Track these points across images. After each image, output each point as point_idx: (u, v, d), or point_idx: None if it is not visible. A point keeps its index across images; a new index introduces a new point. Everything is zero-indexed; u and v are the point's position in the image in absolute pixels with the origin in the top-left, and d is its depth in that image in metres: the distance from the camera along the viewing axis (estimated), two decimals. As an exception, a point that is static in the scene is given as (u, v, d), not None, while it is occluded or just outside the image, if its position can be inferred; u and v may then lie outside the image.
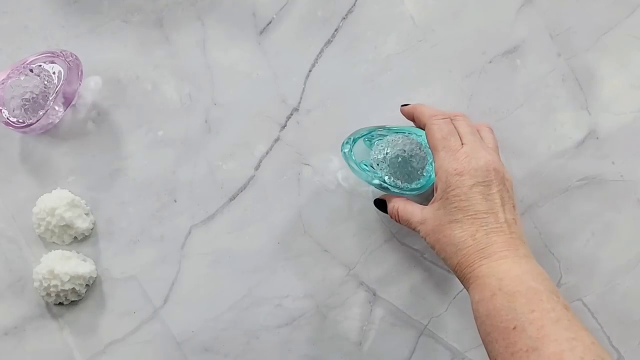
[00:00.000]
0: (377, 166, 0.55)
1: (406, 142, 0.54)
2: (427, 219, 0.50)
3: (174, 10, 0.62)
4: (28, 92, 0.57)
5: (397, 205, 0.53)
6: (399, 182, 0.55)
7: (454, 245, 0.47)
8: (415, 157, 0.54)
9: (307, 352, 0.58)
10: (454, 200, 0.48)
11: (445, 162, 0.49)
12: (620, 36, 0.61)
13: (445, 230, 0.48)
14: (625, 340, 0.58)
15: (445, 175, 0.48)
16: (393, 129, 0.56)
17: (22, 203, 0.59)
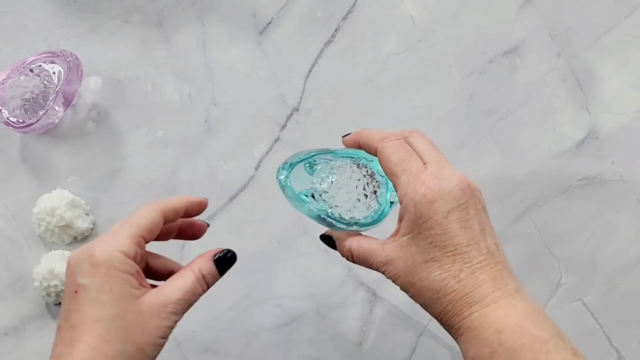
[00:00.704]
0: (319, 197, 0.45)
1: (354, 168, 0.45)
2: (394, 258, 0.41)
3: (174, 10, 0.62)
4: (28, 92, 0.57)
5: (351, 245, 0.44)
6: (346, 215, 0.45)
7: (434, 291, 0.39)
8: (365, 186, 0.45)
9: (307, 352, 0.58)
10: (428, 235, 0.39)
11: (410, 189, 0.40)
12: (620, 36, 0.61)
13: (421, 272, 0.40)
14: (626, 340, 0.58)
15: (413, 204, 0.40)
16: (339, 152, 0.47)
17: (22, 203, 0.59)
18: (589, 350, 0.58)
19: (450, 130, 0.60)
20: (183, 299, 0.39)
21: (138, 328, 0.38)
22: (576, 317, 0.58)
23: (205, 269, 0.41)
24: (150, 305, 0.38)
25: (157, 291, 0.39)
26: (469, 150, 0.60)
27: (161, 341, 0.39)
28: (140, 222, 0.40)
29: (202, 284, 0.40)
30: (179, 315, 0.39)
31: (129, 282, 0.38)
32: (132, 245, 0.39)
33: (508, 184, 0.59)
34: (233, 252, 0.43)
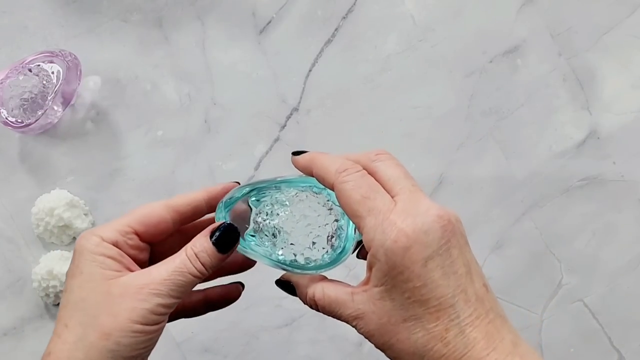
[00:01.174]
0: (265, 238, 0.39)
1: (304, 200, 0.39)
2: (365, 312, 0.34)
3: (173, 10, 0.62)
4: (27, 91, 0.57)
5: (314, 293, 0.37)
6: (300, 257, 0.38)
7: (418, 356, 0.33)
8: (319, 220, 0.38)
9: (307, 353, 0.58)
10: (405, 289, 0.32)
11: (379, 233, 0.33)
12: (621, 36, 0.60)
13: (400, 332, 0.33)
14: (627, 341, 0.58)
15: (383, 252, 0.33)
16: (285, 182, 0.40)
17: (20, 203, 0.59)
18: (590, 351, 0.58)
19: (451, 130, 0.60)
20: (169, 279, 0.34)
21: (104, 311, 0.33)
22: (577, 318, 0.58)
23: (198, 246, 0.36)
24: (124, 286, 0.34)
25: (141, 272, 0.35)
26: (470, 150, 0.60)
27: (135, 327, 0.33)
28: (133, 213, 0.38)
29: (196, 263, 0.35)
30: (163, 298, 0.34)
31: (103, 264, 0.35)
32: (113, 232, 0.36)
33: (508, 184, 0.59)
34: (228, 224, 0.36)
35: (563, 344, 0.58)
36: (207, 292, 0.42)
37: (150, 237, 0.38)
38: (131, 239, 0.37)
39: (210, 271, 0.36)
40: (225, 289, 0.42)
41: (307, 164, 0.38)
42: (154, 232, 0.38)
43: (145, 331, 0.34)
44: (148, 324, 0.34)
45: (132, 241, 0.37)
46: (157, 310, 0.34)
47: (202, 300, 0.42)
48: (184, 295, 0.35)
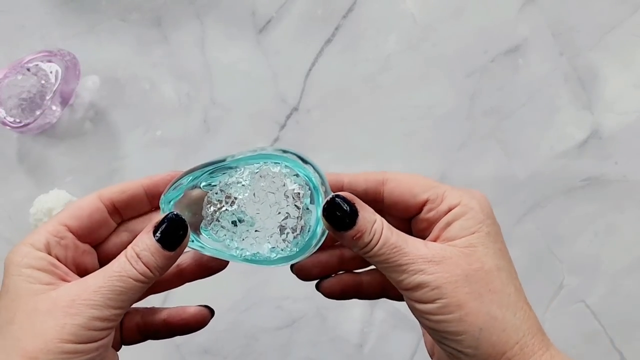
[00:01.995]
0: (222, 229, 0.33)
1: (265, 177, 0.33)
2: (449, 257, 0.30)
3: (172, 9, 0.61)
4: (25, 91, 0.57)
5: (382, 223, 0.31)
6: (266, 247, 0.33)
7: (512, 305, 0.30)
8: (286, 198, 0.33)
9: (307, 354, 0.58)
10: (497, 240, 0.32)
11: (466, 193, 0.33)
12: (623, 35, 0.60)
13: (494, 281, 0.30)
14: (628, 341, 0.58)
15: (477, 202, 0.32)
16: (238, 160, 0.34)
17: (19, 203, 0.59)
18: (592, 352, 0.57)
19: (452, 130, 0.60)
20: (104, 286, 0.29)
21: (28, 331, 0.28)
22: (579, 319, 0.58)
23: (140, 244, 0.30)
24: (53, 301, 0.29)
25: (75, 282, 0.30)
26: (471, 150, 0.59)
27: (66, 347, 0.28)
28: (63, 210, 0.32)
29: (137, 264, 0.30)
30: (99, 310, 0.29)
31: (30, 277, 0.30)
32: (44, 234, 0.31)
33: (510, 184, 0.59)
34: (175, 214, 0.31)
35: (564, 345, 0.58)
36: (168, 314, 0.36)
37: (87, 232, 0.33)
38: (64, 238, 0.32)
39: (157, 273, 0.30)
40: (190, 314, 0.36)
41: None
42: (90, 224, 0.32)
43: (80, 351, 0.29)
44: (82, 342, 0.29)
45: (65, 240, 0.32)
46: (92, 325, 0.29)
47: (162, 323, 0.36)
48: (128, 304, 0.30)
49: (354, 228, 0.31)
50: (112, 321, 0.30)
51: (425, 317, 0.31)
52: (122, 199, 0.33)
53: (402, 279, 0.31)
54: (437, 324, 0.30)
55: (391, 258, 0.31)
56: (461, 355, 0.30)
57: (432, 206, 0.33)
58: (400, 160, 0.59)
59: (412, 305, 0.32)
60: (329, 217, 0.31)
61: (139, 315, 0.36)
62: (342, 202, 0.31)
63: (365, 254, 0.31)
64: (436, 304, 0.30)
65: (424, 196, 0.33)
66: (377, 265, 0.32)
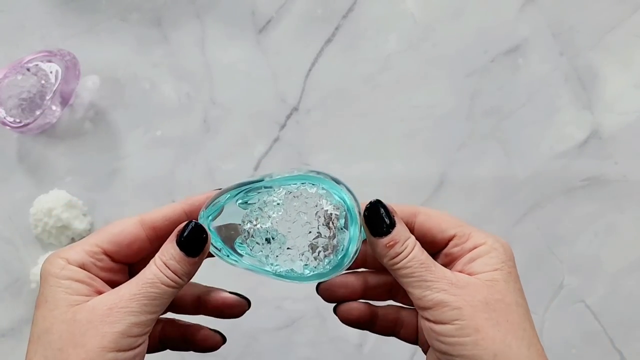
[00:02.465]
0: (257, 246, 0.35)
1: (298, 197, 0.34)
2: (472, 285, 0.32)
3: (172, 9, 0.61)
4: (25, 91, 0.57)
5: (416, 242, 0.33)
6: (299, 264, 0.35)
7: (527, 339, 0.31)
8: (318, 218, 0.34)
9: (307, 355, 0.58)
10: (517, 280, 0.33)
11: (490, 236, 0.34)
12: (623, 35, 0.60)
13: (511, 313, 0.31)
14: (628, 342, 0.58)
15: (501, 245, 0.34)
16: (275, 180, 0.35)
17: (19, 204, 0.59)
18: (592, 352, 0.57)
19: (452, 130, 0.60)
20: (139, 293, 0.30)
21: (69, 342, 0.29)
22: (579, 319, 0.58)
23: (166, 254, 0.32)
24: (91, 311, 0.30)
25: (109, 292, 0.31)
26: (471, 150, 0.59)
27: (108, 355, 0.29)
28: (103, 231, 0.34)
29: (166, 271, 0.31)
30: (136, 316, 0.30)
31: (69, 289, 0.31)
32: (80, 253, 0.32)
33: (510, 184, 0.59)
34: (194, 223, 0.32)
35: (564, 345, 0.58)
36: (190, 333, 0.38)
37: (124, 258, 0.34)
38: (101, 260, 0.33)
39: (185, 279, 0.32)
40: (204, 337, 0.38)
41: None
42: (128, 252, 0.34)
43: (120, 359, 0.30)
44: (122, 349, 0.30)
45: (101, 263, 0.33)
46: (131, 332, 0.30)
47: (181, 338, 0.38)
48: (161, 309, 0.32)
49: (389, 236, 0.32)
50: (148, 326, 0.31)
51: (441, 339, 0.31)
52: (165, 226, 0.34)
53: (425, 295, 0.32)
54: (452, 346, 0.31)
55: (417, 272, 0.32)
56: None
57: (458, 242, 0.34)
58: (400, 160, 0.59)
59: (430, 327, 0.32)
60: (369, 220, 0.33)
61: (161, 325, 0.37)
62: (383, 209, 0.33)
63: (393, 265, 0.33)
64: (454, 325, 0.31)
65: (451, 232, 0.34)
66: (402, 279, 0.33)
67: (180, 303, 0.38)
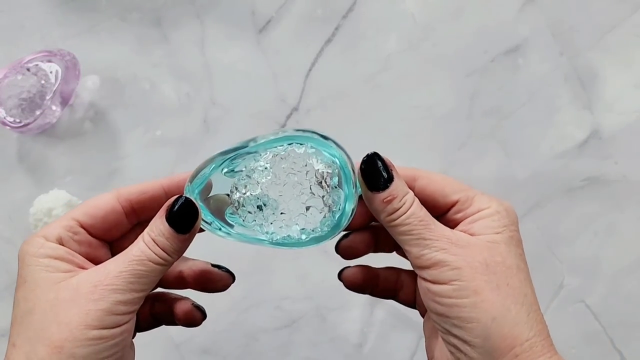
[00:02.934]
0: (249, 215, 0.33)
1: (286, 158, 0.33)
2: (472, 245, 0.31)
3: (172, 9, 0.61)
4: (25, 91, 0.57)
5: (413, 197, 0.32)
6: (295, 228, 0.33)
7: (527, 305, 0.31)
8: (309, 177, 0.33)
9: (307, 355, 0.58)
10: (518, 245, 0.33)
11: (495, 200, 0.34)
12: (623, 35, 0.60)
13: (512, 276, 0.31)
14: (629, 342, 0.58)
15: (504, 208, 0.33)
16: (260, 144, 0.34)
17: (18, 203, 0.59)
18: (592, 352, 0.57)
19: (452, 130, 0.60)
20: (126, 271, 0.29)
21: (52, 320, 0.28)
22: (579, 319, 0.58)
23: (155, 229, 0.30)
24: (74, 288, 0.29)
25: (95, 269, 0.30)
26: (471, 150, 0.59)
27: (92, 333, 0.28)
28: (79, 206, 0.33)
29: (155, 248, 0.30)
30: (122, 294, 0.29)
31: (49, 267, 0.30)
32: (56, 228, 0.31)
33: (510, 184, 0.59)
34: (185, 198, 0.31)
35: (564, 345, 0.58)
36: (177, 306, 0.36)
37: (101, 232, 0.32)
38: (77, 233, 0.32)
39: (174, 256, 0.31)
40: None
41: None
42: (104, 225, 0.32)
43: (105, 336, 0.28)
44: (107, 327, 0.28)
45: (79, 236, 0.32)
46: (116, 310, 0.29)
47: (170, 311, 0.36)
48: (149, 287, 0.30)
49: (386, 190, 0.31)
50: (135, 304, 0.30)
51: (437, 299, 0.30)
52: (141, 200, 0.33)
53: (423, 254, 0.30)
54: (449, 308, 0.30)
55: (416, 230, 0.31)
56: (466, 347, 0.30)
57: (461, 207, 0.33)
58: (400, 160, 0.59)
59: (427, 287, 0.31)
60: (366, 174, 0.32)
61: (151, 300, 0.36)
62: (381, 163, 0.32)
63: (391, 222, 0.31)
64: (452, 285, 0.30)
65: (454, 197, 0.33)
66: (399, 237, 0.31)
67: (164, 277, 0.36)
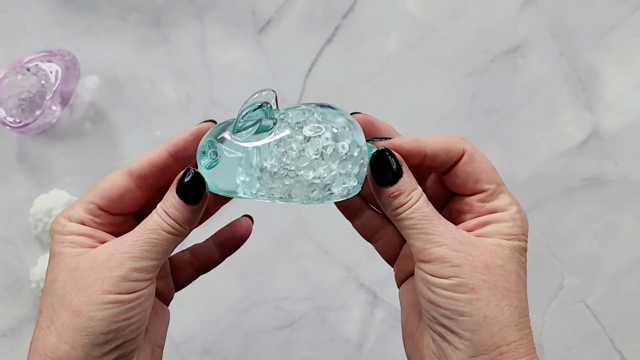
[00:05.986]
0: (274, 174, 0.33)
1: (308, 117, 0.34)
2: (473, 244, 0.31)
3: (172, 9, 0.61)
4: (25, 91, 0.57)
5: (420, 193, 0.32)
6: (318, 183, 0.33)
7: (520, 309, 0.31)
8: (327, 134, 0.33)
9: (307, 355, 0.58)
10: (523, 254, 0.33)
11: (514, 201, 0.34)
12: (623, 35, 0.60)
13: (510, 280, 0.31)
14: (629, 341, 0.58)
15: (520, 217, 0.33)
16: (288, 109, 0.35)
17: (19, 204, 0.59)
18: (592, 353, 0.57)
19: (452, 130, 0.60)
20: (140, 239, 0.31)
21: (72, 287, 0.30)
22: (579, 319, 0.58)
23: (167, 202, 0.32)
24: (93, 258, 0.31)
25: (113, 240, 0.32)
26: (471, 150, 0.59)
27: (107, 297, 0.30)
28: (95, 188, 0.34)
29: (167, 219, 0.31)
30: (137, 261, 0.31)
31: (72, 243, 0.32)
32: (79, 211, 0.33)
33: (510, 184, 0.58)
34: (193, 171, 0.32)
35: (564, 345, 0.58)
36: (215, 236, 0.39)
37: (121, 210, 0.34)
38: (98, 216, 0.33)
39: (186, 226, 0.32)
40: (231, 227, 0.39)
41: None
42: (122, 204, 0.34)
43: (120, 301, 0.30)
44: (122, 292, 0.30)
45: (100, 218, 0.33)
46: (131, 276, 0.30)
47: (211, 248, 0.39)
48: (164, 255, 0.32)
49: (394, 186, 0.32)
50: (150, 272, 0.31)
51: (433, 289, 0.31)
52: (153, 172, 0.34)
53: (425, 248, 0.31)
54: (444, 299, 0.30)
55: (420, 224, 0.31)
56: (453, 337, 0.31)
57: (484, 198, 0.33)
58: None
59: (423, 277, 0.31)
60: (375, 169, 0.32)
61: (187, 253, 0.39)
62: (391, 158, 0.32)
63: (396, 216, 0.32)
64: (451, 280, 0.30)
65: (484, 186, 0.33)
66: (404, 230, 0.32)
67: (200, 262, 0.39)
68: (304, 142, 0.33)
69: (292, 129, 0.34)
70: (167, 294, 0.38)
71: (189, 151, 0.34)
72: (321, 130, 0.33)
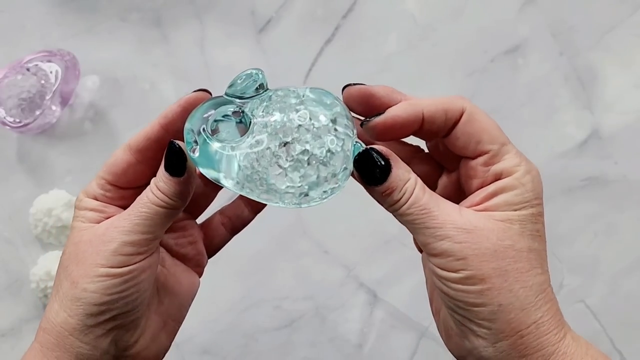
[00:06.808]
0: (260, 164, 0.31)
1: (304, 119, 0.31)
2: (480, 228, 0.29)
3: (172, 9, 0.61)
4: (25, 91, 0.57)
5: (416, 181, 0.31)
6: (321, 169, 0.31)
7: (536, 286, 0.30)
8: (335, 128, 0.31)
9: (307, 355, 0.58)
10: (538, 221, 0.31)
11: (525, 160, 0.32)
12: (623, 35, 0.60)
13: (522, 261, 0.29)
14: (628, 341, 0.58)
15: (531, 179, 0.31)
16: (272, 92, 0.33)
17: (18, 204, 0.59)
18: (592, 353, 0.57)
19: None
20: (133, 213, 0.32)
21: (73, 259, 0.32)
22: (579, 319, 0.58)
23: (157, 177, 0.32)
24: (93, 233, 0.32)
25: (114, 217, 0.33)
26: (471, 150, 0.59)
27: (100, 270, 0.31)
28: (105, 163, 0.34)
29: (156, 192, 0.32)
30: (128, 235, 0.31)
31: (84, 217, 0.33)
32: (93, 186, 0.34)
33: (510, 185, 0.59)
34: (172, 143, 0.32)
35: (564, 346, 0.58)
36: (223, 211, 0.41)
37: (129, 183, 0.35)
38: (109, 191, 0.34)
39: (176, 199, 0.32)
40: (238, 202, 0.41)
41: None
42: (127, 178, 0.34)
43: (112, 274, 0.31)
44: (114, 266, 0.31)
45: (111, 193, 0.34)
46: (123, 250, 0.31)
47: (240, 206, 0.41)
48: (156, 229, 0.32)
49: (384, 184, 0.30)
50: (143, 246, 0.32)
51: (444, 282, 0.30)
52: (149, 145, 0.34)
53: (428, 243, 0.30)
54: (456, 292, 0.30)
55: (419, 219, 0.30)
56: (473, 326, 0.30)
57: (488, 161, 0.31)
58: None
59: (433, 270, 0.30)
60: (361, 169, 0.31)
61: (217, 215, 0.41)
62: (377, 156, 0.30)
63: (393, 212, 0.31)
64: (459, 274, 0.29)
65: (487, 147, 0.31)
66: (406, 225, 0.31)
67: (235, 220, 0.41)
68: (278, 149, 0.31)
69: (269, 131, 0.31)
70: (199, 259, 0.39)
71: (179, 124, 0.34)
72: (299, 133, 0.31)
